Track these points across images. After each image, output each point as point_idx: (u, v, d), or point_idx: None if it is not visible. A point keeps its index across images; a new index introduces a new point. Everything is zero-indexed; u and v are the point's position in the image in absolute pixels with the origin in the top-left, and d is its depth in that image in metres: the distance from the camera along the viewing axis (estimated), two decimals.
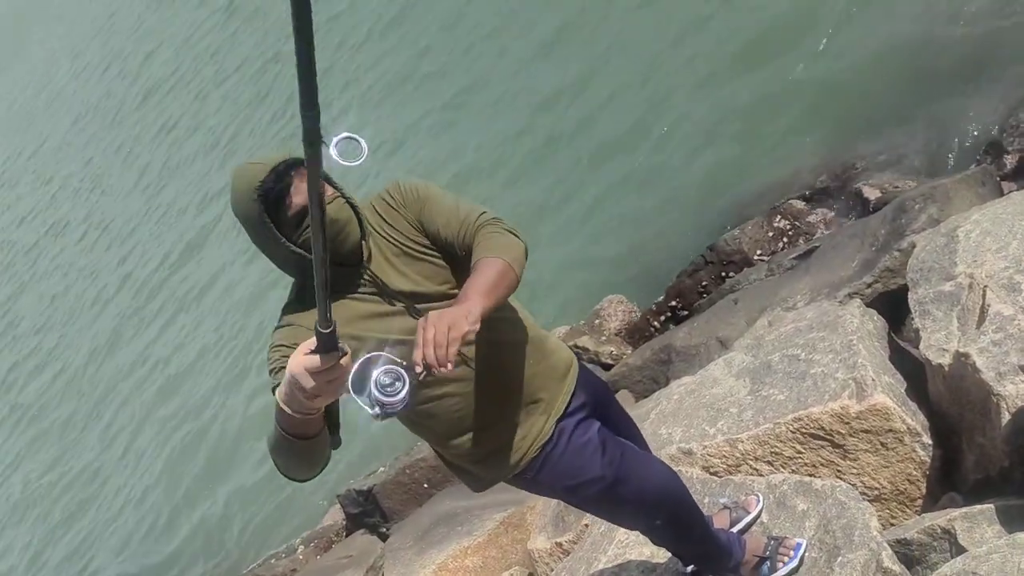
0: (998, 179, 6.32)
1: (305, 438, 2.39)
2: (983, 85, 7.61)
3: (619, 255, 9.43)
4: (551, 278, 9.86)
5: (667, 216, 9.09)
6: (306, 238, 2.69)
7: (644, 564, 4.08)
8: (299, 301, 2.85)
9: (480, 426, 3.00)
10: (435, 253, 2.87)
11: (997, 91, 7.48)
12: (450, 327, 2.35)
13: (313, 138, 1.58)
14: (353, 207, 2.80)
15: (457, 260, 2.84)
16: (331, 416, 2.64)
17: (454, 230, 2.81)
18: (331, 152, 1.80)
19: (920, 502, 4.27)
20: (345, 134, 1.86)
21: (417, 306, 2.85)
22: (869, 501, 4.27)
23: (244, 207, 2.68)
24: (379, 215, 2.90)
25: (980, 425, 3.95)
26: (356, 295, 2.82)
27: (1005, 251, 4.39)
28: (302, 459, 2.49)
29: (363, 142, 1.87)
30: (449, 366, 2.33)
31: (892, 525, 4.17)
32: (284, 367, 2.68)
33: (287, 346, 2.72)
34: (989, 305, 4.06)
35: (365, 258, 2.82)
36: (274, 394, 2.70)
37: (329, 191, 2.71)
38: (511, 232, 2.78)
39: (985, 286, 4.20)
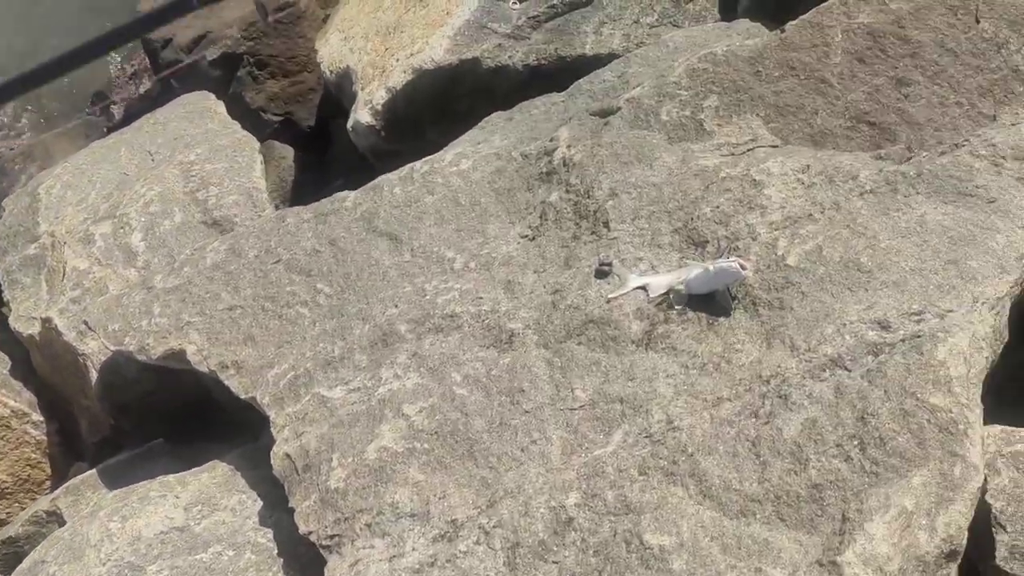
0: (105, 130, 6.19)
1: None
2: None
3: None
4: None
5: None
6: None
7: None
8: None
9: None
10: None
11: None
12: None
13: None
14: None
15: None
16: None
17: None
18: None
19: (49, 483, 3.97)
20: None
21: None
22: None
23: None
24: None
25: (82, 388, 3.76)
26: None
27: (85, 202, 4.22)
28: None
29: None
30: None
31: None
32: None
33: None
34: (67, 262, 3.85)
35: None
36: None
37: None
38: None
39: (65, 243, 3.98)
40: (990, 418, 2.16)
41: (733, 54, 2.97)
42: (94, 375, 3.55)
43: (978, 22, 2.96)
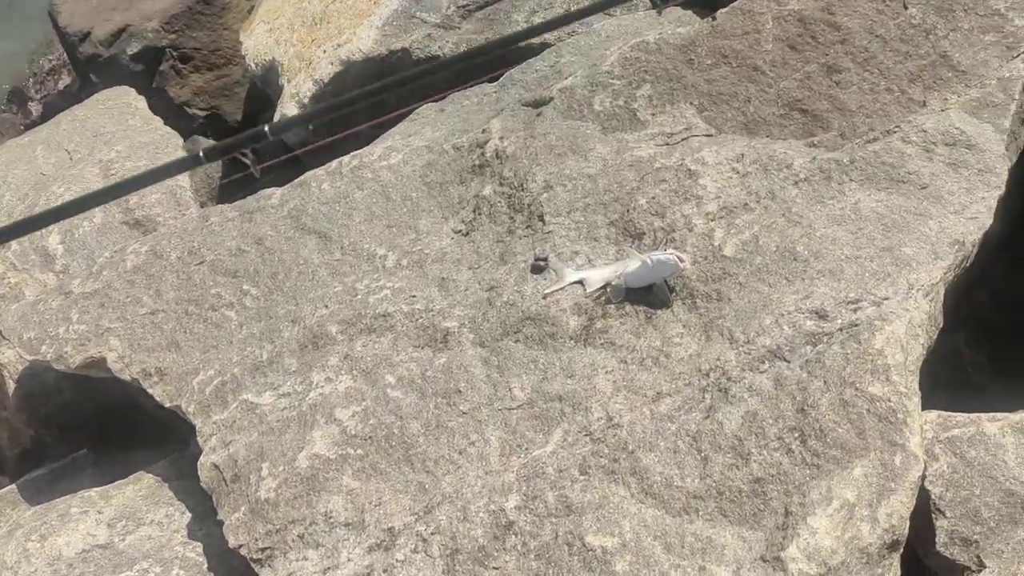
0: (22, 127, 5.98)
1: None
2: None
3: None
4: None
5: None
6: None
7: None
8: None
9: None
10: None
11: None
12: None
13: None
14: None
15: None
16: None
17: None
18: None
19: None
20: None
21: None
22: None
23: None
24: None
25: (2, 400, 3.59)
26: None
27: None
28: None
29: None
30: None
31: None
32: None
33: None
34: None
35: None
36: None
37: None
38: None
39: None
40: (926, 404, 2.16)
41: (665, 42, 2.93)
42: (12, 385, 3.39)
43: (906, 8, 2.96)
